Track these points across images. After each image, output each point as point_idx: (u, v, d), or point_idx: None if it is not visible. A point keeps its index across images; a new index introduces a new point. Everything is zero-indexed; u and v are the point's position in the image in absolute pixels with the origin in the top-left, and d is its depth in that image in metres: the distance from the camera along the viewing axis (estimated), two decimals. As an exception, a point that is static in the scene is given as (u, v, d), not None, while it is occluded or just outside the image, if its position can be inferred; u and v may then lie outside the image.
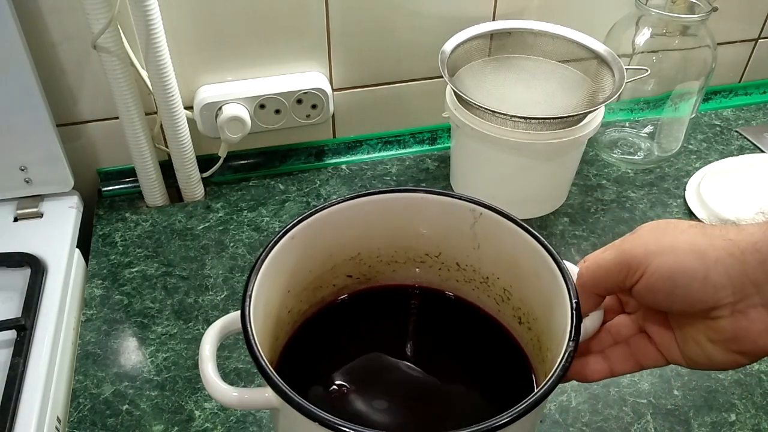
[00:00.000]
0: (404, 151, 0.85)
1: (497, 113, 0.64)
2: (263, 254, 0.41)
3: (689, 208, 0.76)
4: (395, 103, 0.83)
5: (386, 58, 0.78)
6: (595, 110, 0.67)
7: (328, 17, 0.73)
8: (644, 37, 0.75)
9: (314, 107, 0.76)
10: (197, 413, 0.55)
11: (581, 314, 0.38)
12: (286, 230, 0.43)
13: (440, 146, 0.86)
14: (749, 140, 0.87)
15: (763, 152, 0.85)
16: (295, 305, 0.47)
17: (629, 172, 0.81)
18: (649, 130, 0.84)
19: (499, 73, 0.73)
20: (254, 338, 0.36)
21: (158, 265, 0.68)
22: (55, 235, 0.68)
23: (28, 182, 0.70)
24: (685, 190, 0.78)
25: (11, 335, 0.58)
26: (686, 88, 0.77)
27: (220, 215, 0.75)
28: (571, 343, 0.36)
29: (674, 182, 0.80)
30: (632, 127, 0.85)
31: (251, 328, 0.37)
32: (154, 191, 0.75)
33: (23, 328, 0.57)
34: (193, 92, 0.74)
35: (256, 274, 0.40)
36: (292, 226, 0.43)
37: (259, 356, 0.35)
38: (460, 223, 0.46)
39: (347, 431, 0.32)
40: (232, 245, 0.71)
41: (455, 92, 0.67)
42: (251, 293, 0.39)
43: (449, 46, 0.70)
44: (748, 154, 0.84)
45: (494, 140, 0.67)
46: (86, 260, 0.70)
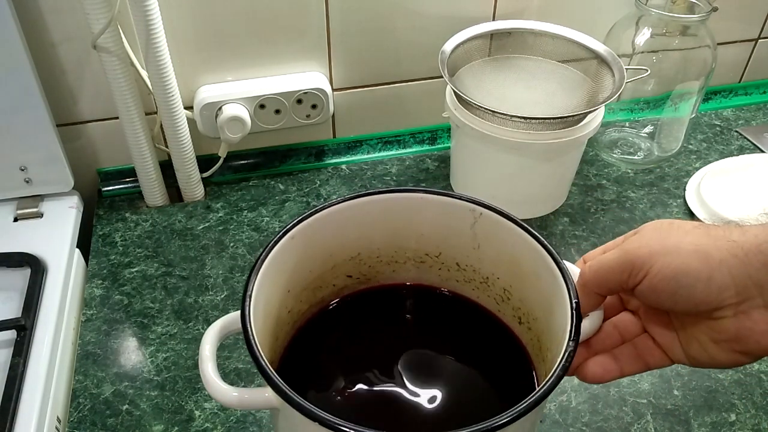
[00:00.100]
0: (404, 151, 0.85)
1: (497, 113, 0.64)
2: (263, 254, 0.41)
3: (689, 208, 0.76)
4: (395, 103, 0.83)
5: (386, 58, 0.78)
6: (595, 110, 0.67)
7: (328, 17, 0.73)
8: (644, 37, 0.75)
9: (314, 107, 0.76)
10: (197, 413, 0.55)
11: (581, 314, 0.38)
12: (286, 230, 0.43)
13: (440, 146, 0.86)
14: (749, 140, 0.87)
15: (763, 152, 0.85)
16: (295, 305, 0.47)
17: (629, 172, 0.81)
18: (649, 130, 0.84)
19: (499, 73, 0.73)
20: (254, 338, 0.36)
21: (158, 265, 0.68)
22: (55, 235, 0.68)
23: (28, 182, 0.70)
24: (685, 190, 0.78)
25: (11, 335, 0.58)
26: (686, 88, 0.77)
27: (220, 215, 0.75)
28: (571, 343, 0.36)
29: (674, 182, 0.80)
30: (632, 127, 0.85)
31: (251, 328, 0.37)
32: (154, 191, 0.75)
33: (23, 328, 0.57)
34: (193, 92, 0.74)
35: (256, 274, 0.40)
36: (292, 226, 0.43)
37: (259, 356, 0.35)
38: (460, 223, 0.46)
39: (347, 431, 0.32)
40: (232, 245, 0.71)
41: (455, 92, 0.67)
42: (251, 293, 0.39)
43: (449, 46, 0.70)
44: (748, 154, 0.84)
45: (494, 140, 0.67)
46: (86, 260, 0.70)
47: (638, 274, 0.36)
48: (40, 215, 0.70)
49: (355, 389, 0.44)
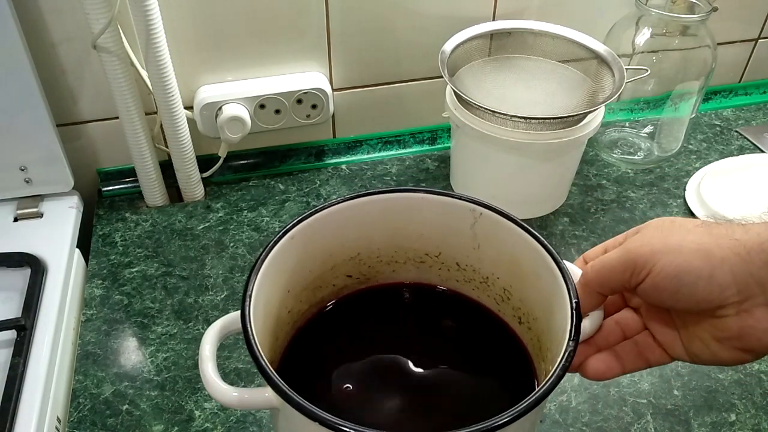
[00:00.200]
0: (404, 151, 0.85)
1: (497, 113, 0.64)
2: (263, 254, 0.41)
3: (689, 208, 0.76)
4: (395, 103, 0.83)
5: (386, 58, 0.78)
6: (595, 110, 0.67)
7: (328, 17, 0.73)
8: (644, 37, 0.75)
9: (314, 107, 0.76)
10: (197, 413, 0.55)
11: (581, 314, 0.38)
12: (285, 230, 0.43)
13: (440, 146, 0.86)
14: (749, 140, 0.87)
15: (763, 152, 0.85)
16: (294, 305, 0.47)
17: (629, 172, 0.81)
18: (649, 130, 0.84)
19: (499, 73, 0.73)
20: (254, 338, 0.36)
21: (158, 265, 0.68)
22: (55, 235, 0.68)
23: (28, 182, 0.70)
24: (685, 190, 0.78)
25: (11, 335, 0.58)
26: (686, 88, 0.77)
27: (220, 215, 0.75)
28: (571, 342, 0.36)
29: (674, 182, 0.80)
30: (632, 127, 0.85)
31: (251, 328, 0.37)
32: (154, 191, 0.75)
33: (23, 328, 0.57)
34: (193, 92, 0.74)
35: (256, 274, 0.40)
36: (291, 226, 0.43)
37: (259, 356, 0.35)
38: (460, 223, 0.46)
39: (348, 431, 0.32)
40: (232, 245, 0.71)
41: (455, 92, 0.67)
42: (251, 293, 0.39)
43: (449, 46, 0.70)
44: (748, 154, 0.84)
45: (494, 140, 0.67)
46: (86, 260, 0.70)
47: (640, 273, 0.36)
48: (40, 215, 0.70)
49: (354, 389, 0.44)
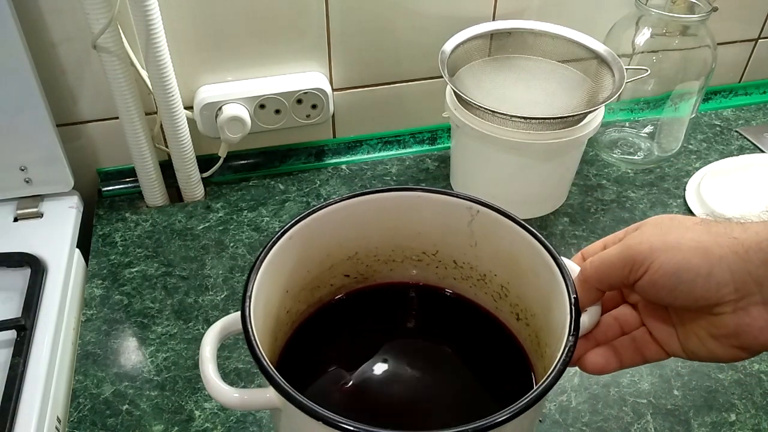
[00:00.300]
0: (404, 151, 0.85)
1: (497, 113, 0.64)
2: (262, 254, 0.41)
3: (689, 208, 0.76)
4: (395, 103, 0.83)
5: (386, 58, 0.78)
6: (595, 110, 0.67)
7: (328, 17, 0.73)
8: (644, 37, 0.75)
9: (314, 107, 0.76)
10: (197, 413, 0.55)
11: (580, 309, 0.38)
12: (284, 230, 0.43)
13: (440, 146, 0.86)
14: (749, 140, 0.87)
15: (763, 152, 0.85)
16: (293, 305, 0.47)
17: (629, 172, 0.81)
18: (649, 130, 0.84)
19: (499, 73, 0.73)
20: (255, 339, 0.36)
21: (158, 265, 0.68)
22: (55, 235, 0.68)
23: (28, 182, 0.70)
24: (685, 190, 0.78)
25: (11, 335, 0.58)
26: (686, 88, 0.77)
27: (220, 215, 0.75)
28: (570, 338, 0.36)
29: (674, 182, 0.80)
30: (632, 127, 0.85)
31: (252, 328, 0.37)
32: (154, 191, 0.75)
33: (23, 328, 0.58)
34: (193, 92, 0.74)
35: (255, 274, 0.40)
36: (289, 226, 0.43)
37: (260, 357, 0.36)
38: (457, 221, 0.46)
39: (350, 429, 0.32)
40: (232, 245, 0.71)
41: (455, 92, 0.67)
42: (251, 294, 0.39)
43: (449, 46, 0.70)
44: (748, 154, 0.84)
45: (494, 140, 0.67)
46: (86, 260, 0.70)
47: (639, 269, 0.36)
48: (40, 215, 0.70)
49: (353, 388, 0.44)
